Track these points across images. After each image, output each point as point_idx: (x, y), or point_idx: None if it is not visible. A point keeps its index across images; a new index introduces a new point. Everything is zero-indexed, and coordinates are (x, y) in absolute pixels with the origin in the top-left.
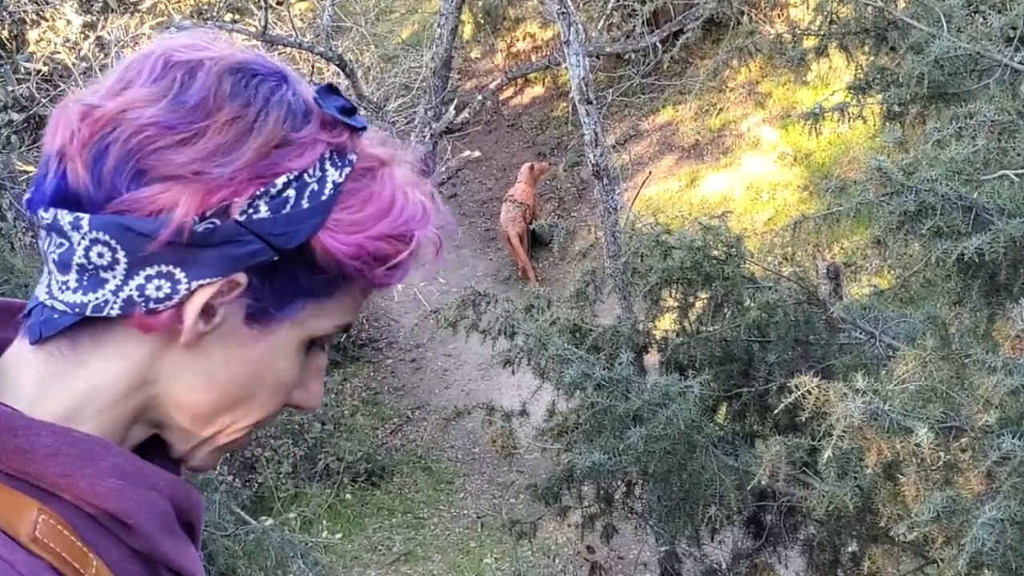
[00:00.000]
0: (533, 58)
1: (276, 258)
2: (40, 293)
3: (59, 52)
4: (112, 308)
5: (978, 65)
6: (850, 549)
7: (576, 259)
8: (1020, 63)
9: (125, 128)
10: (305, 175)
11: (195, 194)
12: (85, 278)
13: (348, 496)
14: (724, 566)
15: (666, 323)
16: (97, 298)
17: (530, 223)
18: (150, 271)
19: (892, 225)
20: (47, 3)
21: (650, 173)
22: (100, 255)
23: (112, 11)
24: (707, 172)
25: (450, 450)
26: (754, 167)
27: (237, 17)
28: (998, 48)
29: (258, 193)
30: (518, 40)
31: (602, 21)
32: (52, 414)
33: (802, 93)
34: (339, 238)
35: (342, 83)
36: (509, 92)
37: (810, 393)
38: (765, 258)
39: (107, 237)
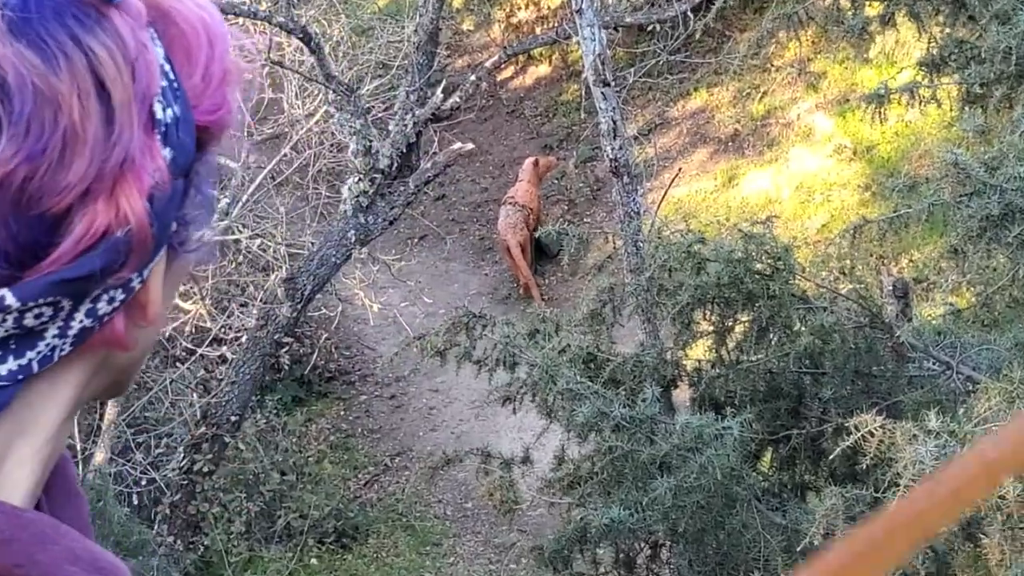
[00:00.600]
0: (538, 30)
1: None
2: None
3: None
4: (63, 350)
5: None
6: None
7: (590, 274)
8: None
9: None
10: (163, 82)
11: (128, 190)
12: (11, 345)
13: (313, 561)
14: None
15: (699, 351)
16: (39, 352)
17: (534, 230)
18: (100, 292)
19: (972, 232)
20: None
21: (679, 170)
22: (38, 316)
23: None
24: (748, 168)
25: (437, 505)
26: (805, 162)
27: None
28: None
29: (159, 140)
30: (519, 8)
31: None
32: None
33: (863, 72)
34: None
35: (306, 60)
36: (509, 72)
37: (872, 435)
38: (818, 272)
39: (46, 299)
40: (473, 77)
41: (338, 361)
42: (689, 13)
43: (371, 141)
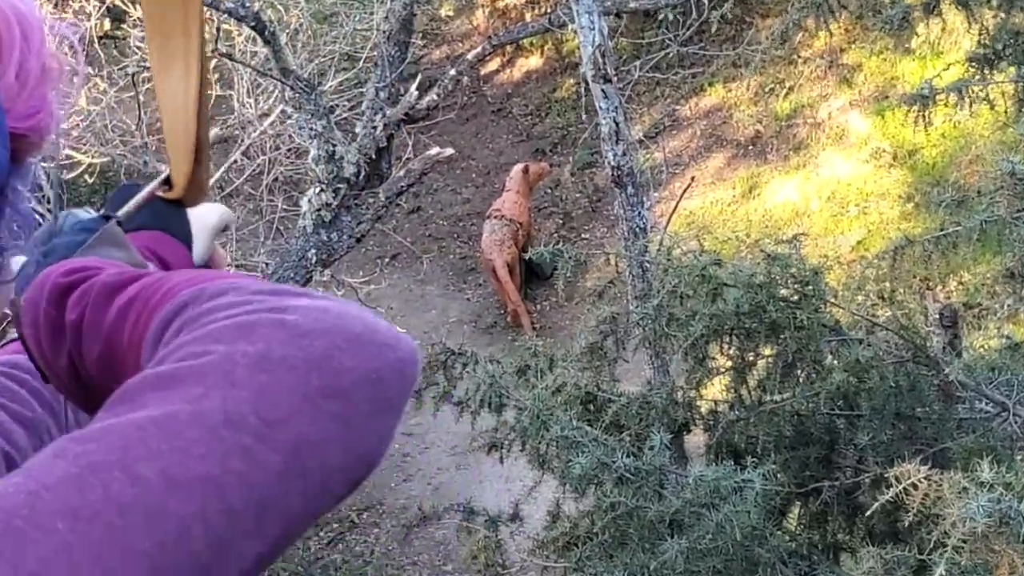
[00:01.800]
0: (528, 17)
1: None
2: None
3: None
4: None
5: None
6: None
7: (588, 300)
8: None
9: None
10: None
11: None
12: None
13: None
14: None
15: (715, 390)
16: None
17: (523, 248)
18: None
19: None
20: None
21: (692, 179)
22: None
23: None
24: (772, 176)
25: (412, 568)
26: (837, 169)
27: None
28: None
29: None
30: None
31: None
32: None
33: (904, 65)
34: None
35: (260, 52)
36: (494, 65)
37: (916, 487)
38: (854, 298)
39: None
40: (453, 71)
41: None
42: None
43: (335, 146)
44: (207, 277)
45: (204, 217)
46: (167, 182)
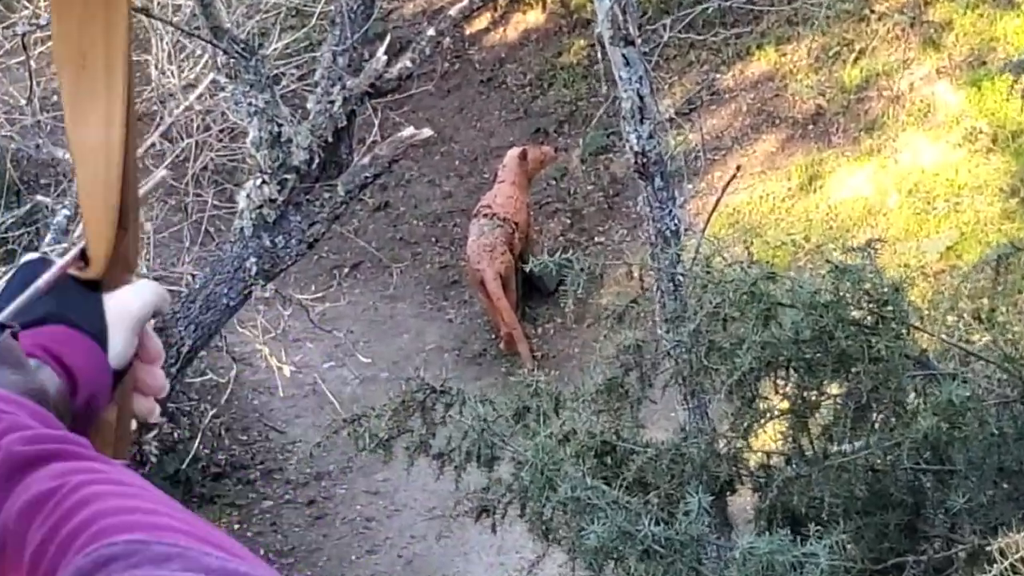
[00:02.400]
0: None
1: None
2: None
3: None
4: None
5: None
6: None
7: (605, 323)
8: None
9: None
10: None
11: None
12: None
13: None
14: None
15: (768, 439)
16: None
17: (522, 256)
18: None
19: None
20: None
21: (738, 168)
22: None
23: None
24: (837, 164)
25: None
26: (921, 154)
27: None
28: None
29: None
30: None
31: None
32: None
33: (1007, 22)
34: None
35: (185, 7)
36: (482, 22)
37: None
38: (943, 319)
39: None
40: (431, 30)
41: (231, 450)
42: None
43: (280, 125)
44: (147, 522)
45: (125, 304)
46: (83, 257)
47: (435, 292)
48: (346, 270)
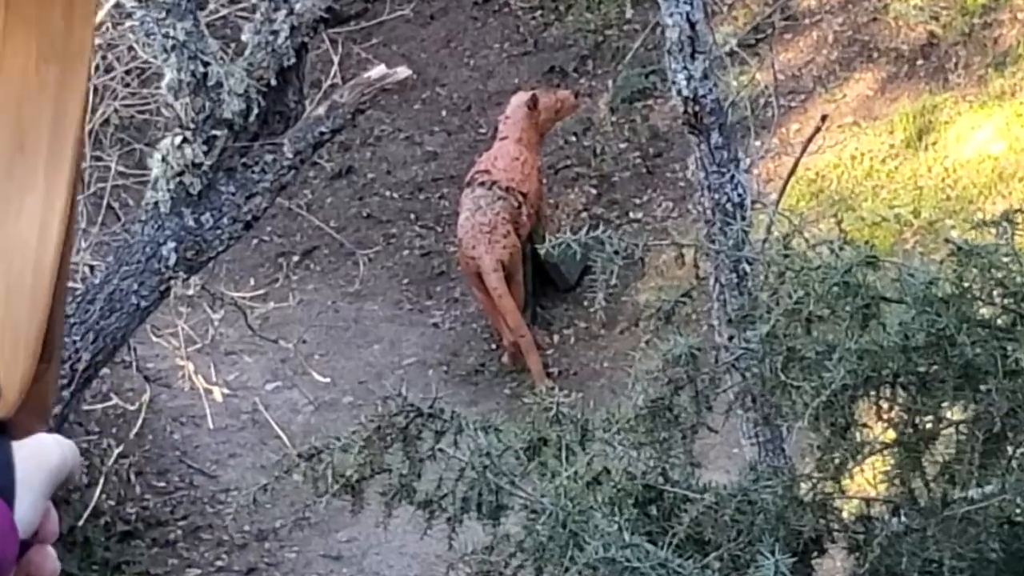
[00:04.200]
0: None
1: None
2: None
3: None
4: None
5: None
6: None
7: (646, 326)
8: None
9: None
10: None
11: None
12: None
13: None
14: None
15: (867, 481)
16: None
17: (531, 237)
18: None
19: None
20: None
21: (824, 119)
22: None
23: None
24: (956, 112)
25: None
26: None
27: None
28: None
29: None
30: None
31: None
32: None
33: None
34: None
35: None
36: None
37: None
38: None
39: None
40: None
41: (144, 500)
42: None
43: (207, 64)
44: None
45: (41, 456)
46: None
47: (415, 287)
48: (296, 258)
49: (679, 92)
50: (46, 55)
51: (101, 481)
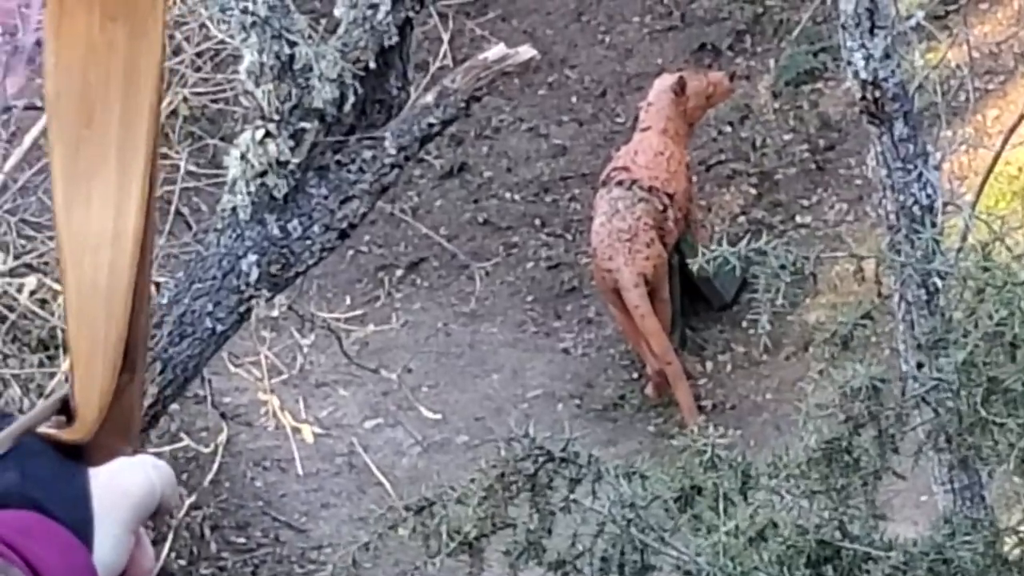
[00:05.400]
0: None
1: None
2: None
3: None
4: None
5: None
6: None
7: (819, 351)
8: None
9: None
10: None
11: None
12: None
13: None
14: None
15: None
16: None
17: (678, 246)
18: None
19: None
20: None
21: None
22: None
23: None
24: None
25: None
26: None
27: None
28: None
29: None
30: None
31: None
32: None
33: None
34: None
35: None
36: None
37: None
38: None
39: None
40: None
41: (221, 559)
42: None
43: (294, 44)
44: None
45: (122, 486)
46: (64, 410)
47: (541, 306)
48: (400, 273)
49: (855, 74)
50: (111, 12)
51: (170, 537)
